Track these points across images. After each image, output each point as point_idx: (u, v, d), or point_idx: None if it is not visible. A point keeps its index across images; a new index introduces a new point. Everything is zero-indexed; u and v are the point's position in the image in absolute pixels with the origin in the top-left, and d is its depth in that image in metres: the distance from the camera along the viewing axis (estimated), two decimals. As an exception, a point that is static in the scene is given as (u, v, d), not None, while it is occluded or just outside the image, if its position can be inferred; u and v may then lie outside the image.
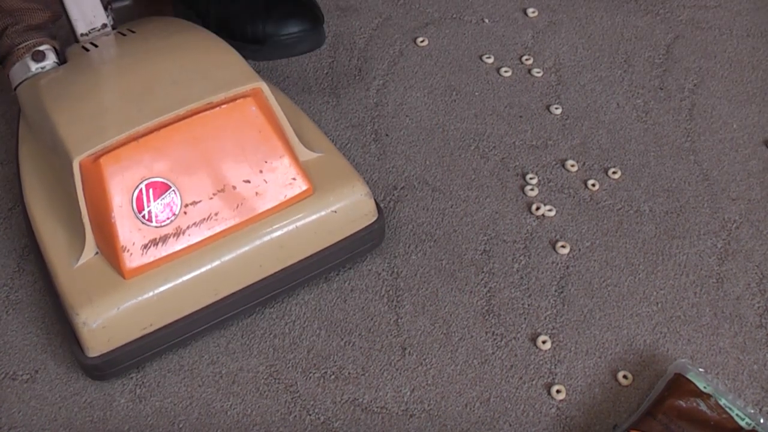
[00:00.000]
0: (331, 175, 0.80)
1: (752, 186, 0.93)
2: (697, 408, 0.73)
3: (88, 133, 0.74)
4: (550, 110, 1.00)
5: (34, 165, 0.83)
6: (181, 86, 0.77)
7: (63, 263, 0.75)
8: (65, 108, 0.78)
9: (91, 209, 0.74)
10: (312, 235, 0.79)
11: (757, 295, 0.84)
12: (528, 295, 0.84)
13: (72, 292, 0.74)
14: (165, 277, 0.74)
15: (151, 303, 0.74)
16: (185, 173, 0.74)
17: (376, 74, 1.04)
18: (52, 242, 0.77)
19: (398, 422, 0.76)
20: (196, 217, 0.74)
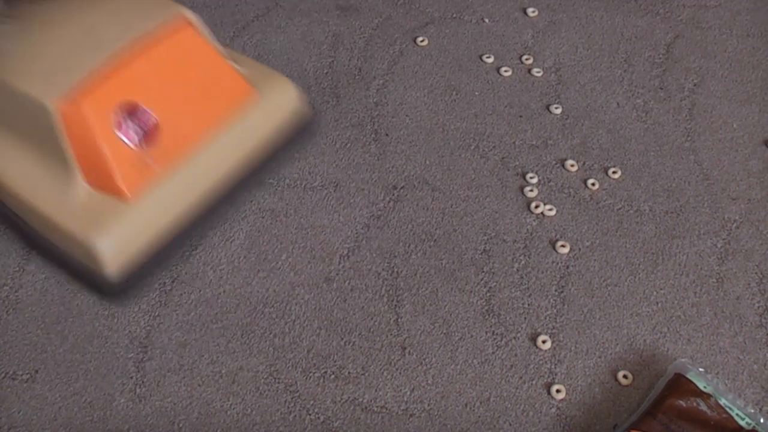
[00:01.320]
0: (262, 81, 0.89)
1: (752, 186, 0.93)
2: (697, 408, 0.73)
3: (49, 80, 0.78)
4: (550, 110, 1.00)
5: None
6: (118, 24, 0.82)
7: (57, 207, 0.79)
8: (13, 64, 0.80)
9: (77, 149, 0.77)
10: (260, 127, 0.88)
11: (757, 294, 0.84)
12: (528, 295, 0.84)
13: (80, 225, 0.78)
14: (162, 191, 0.81)
15: (153, 216, 0.81)
16: (154, 96, 0.80)
17: (376, 74, 1.04)
18: (36, 192, 0.80)
19: (398, 422, 0.76)
20: (172, 132, 0.81)
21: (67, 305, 0.84)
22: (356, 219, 0.90)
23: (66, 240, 0.79)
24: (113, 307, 0.83)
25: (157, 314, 0.83)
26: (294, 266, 0.87)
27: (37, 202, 0.80)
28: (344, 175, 0.94)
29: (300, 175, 0.94)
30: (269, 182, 0.93)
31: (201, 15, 1.12)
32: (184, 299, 0.84)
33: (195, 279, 0.86)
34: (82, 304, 0.84)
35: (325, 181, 0.93)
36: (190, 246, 0.87)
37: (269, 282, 0.85)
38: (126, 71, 0.79)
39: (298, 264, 0.87)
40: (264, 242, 0.88)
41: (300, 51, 1.07)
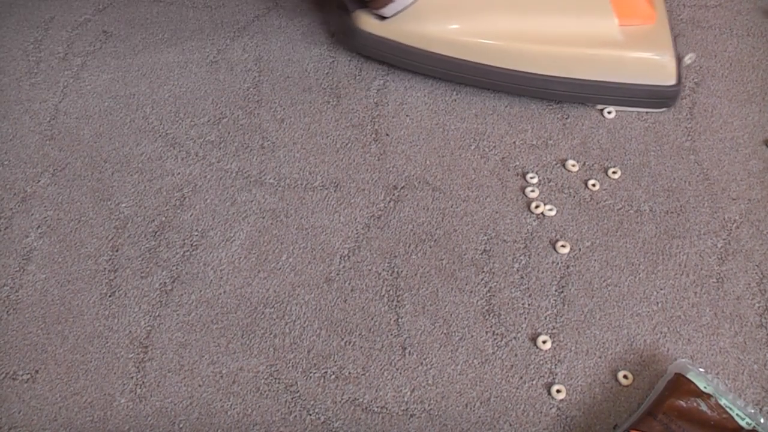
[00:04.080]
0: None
1: (752, 185, 0.93)
2: (697, 408, 0.73)
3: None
4: (550, 109, 1.00)
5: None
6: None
7: (613, 47, 0.95)
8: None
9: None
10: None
11: (758, 294, 0.84)
12: (528, 295, 0.84)
13: (641, 49, 0.95)
14: (659, 7, 0.99)
15: (667, 28, 0.98)
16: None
17: (376, 74, 1.04)
18: (590, 42, 0.96)
19: (398, 422, 0.76)
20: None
21: (67, 305, 0.84)
22: (357, 219, 0.90)
23: (631, 69, 0.95)
24: (113, 308, 0.83)
25: (158, 314, 0.83)
26: (294, 266, 0.87)
27: (602, 51, 0.95)
28: (345, 175, 0.94)
29: (300, 175, 0.94)
30: (269, 182, 0.93)
31: (201, 15, 1.13)
32: (184, 299, 0.84)
33: (195, 279, 0.86)
34: (82, 304, 0.84)
35: (326, 181, 0.93)
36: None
37: (270, 282, 0.85)
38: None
39: (298, 264, 0.87)
40: (264, 242, 0.88)
41: (301, 51, 1.07)
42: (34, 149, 0.97)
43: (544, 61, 0.96)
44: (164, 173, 0.94)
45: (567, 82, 0.97)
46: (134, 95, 1.02)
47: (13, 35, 1.10)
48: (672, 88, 0.97)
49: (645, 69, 0.96)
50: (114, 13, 1.12)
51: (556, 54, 0.95)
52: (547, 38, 0.95)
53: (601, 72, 0.96)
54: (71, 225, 0.90)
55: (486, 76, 0.98)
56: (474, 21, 0.96)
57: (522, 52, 0.96)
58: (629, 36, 0.95)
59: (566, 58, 0.95)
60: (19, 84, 1.04)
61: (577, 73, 0.96)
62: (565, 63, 0.96)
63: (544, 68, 0.96)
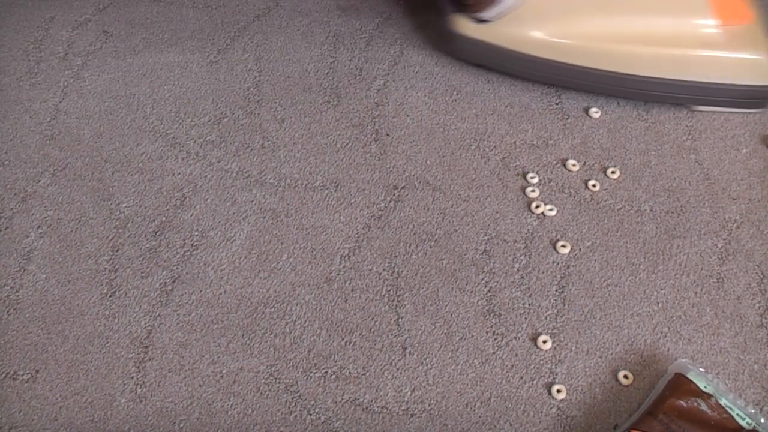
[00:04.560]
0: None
1: (753, 185, 0.93)
2: (697, 408, 0.73)
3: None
4: (550, 109, 1.00)
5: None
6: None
7: (714, 48, 0.95)
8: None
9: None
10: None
11: (758, 294, 0.84)
12: (529, 295, 0.84)
13: (742, 50, 0.95)
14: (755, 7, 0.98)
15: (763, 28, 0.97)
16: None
17: (376, 74, 1.04)
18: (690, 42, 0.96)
19: (399, 422, 0.76)
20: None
21: (67, 305, 0.84)
22: (357, 219, 0.90)
23: (732, 70, 0.95)
24: (113, 308, 0.84)
25: (158, 314, 0.83)
26: (295, 266, 0.87)
27: (702, 52, 0.95)
28: (345, 175, 0.94)
29: (301, 175, 0.94)
30: (270, 182, 0.93)
31: (201, 15, 1.13)
32: (184, 299, 0.84)
33: (196, 279, 0.86)
34: (82, 304, 0.84)
35: (326, 181, 0.93)
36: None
37: (270, 282, 0.85)
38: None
39: (298, 264, 0.87)
40: (265, 242, 0.88)
41: (301, 51, 1.07)
42: (35, 149, 0.97)
43: (645, 63, 0.96)
44: (164, 173, 0.94)
45: (667, 84, 0.96)
46: (134, 95, 1.02)
47: (13, 35, 1.10)
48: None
49: (743, 69, 0.96)
50: (114, 13, 1.12)
51: (658, 55, 0.95)
52: (649, 39, 0.95)
53: (699, 72, 0.96)
54: (71, 225, 0.90)
55: (588, 79, 0.98)
56: (576, 23, 0.96)
57: (624, 54, 0.96)
58: (727, 36, 0.95)
59: (668, 59, 0.95)
60: (20, 84, 1.04)
61: (677, 74, 0.96)
62: (666, 64, 0.95)
63: (645, 70, 0.96)
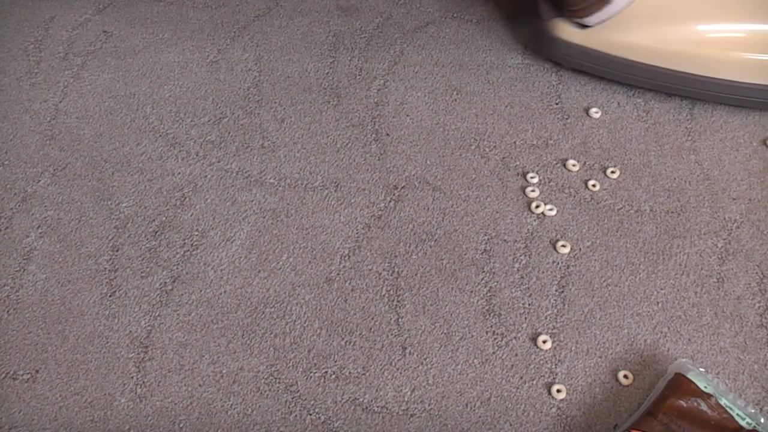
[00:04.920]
0: None
1: (753, 185, 0.93)
2: (697, 408, 0.73)
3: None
4: (550, 109, 1.00)
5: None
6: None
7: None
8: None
9: None
10: None
11: (758, 294, 0.84)
12: (528, 295, 0.84)
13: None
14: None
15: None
16: None
17: (376, 74, 1.04)
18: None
19: (399, 422, 0.76)
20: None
21: (67, 305, 0.84)
22: (357, 219, 0.90)
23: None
24: (113, 308, 0.84)
25: (158, 314, 0.83)
26: (295, 266, 0.87)
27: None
28: (345, 175, 0.94)
29: (301, 175, 0.94)
30: (270, 182, 0.93)
31: (201, 15, 1.13)
32: (184, 299, 0.84)
33: (196, 279, 0.86)
34: (82, 304, 0.84)
35: (326, 181, 0.93)
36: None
37: (270, 282, 0.85)
38: None
39: (298, 264, 0.87)
40: (265, 242, 0.88)
41: (301, 51, 1.07)
42: (35, 149, 0.97)
43: (747, 69, 0.95)
44: (164, 173, 0.94)
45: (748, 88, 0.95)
46: (134, 95, 1.02)
47: (13, 35, 1.10)
48: None
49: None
50: (114, 13, 1.12)
51: (761, 62, 0.94)
52: (751, 46, 0.93)
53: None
54: (71, 225, 0.90)
55: (689, 85, 0.97)
56: (682, 29, 0.94)
57: (730, 61, 0.94)
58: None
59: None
60: (20, 84, 1.04)
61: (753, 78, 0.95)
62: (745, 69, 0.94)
63: (747, 76, 0.95)
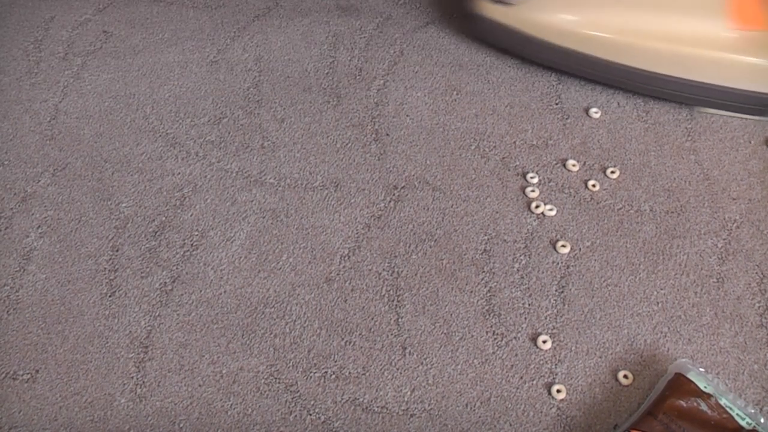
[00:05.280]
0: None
1: (753, 185, 0.93)
2: (697, 408, 0.73)
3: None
4: (550, 109, 1.00)
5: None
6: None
7: (726, 51, 0.94)
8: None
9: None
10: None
11: (758, 294, 0.84)
12: (528, 295, 0.84)
13: (754, 55, 0.93)
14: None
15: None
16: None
17: (376, 74, 1.04)
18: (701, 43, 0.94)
19: (399, 422, 0.76)
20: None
21: (67, 305, 0.84)
22: (357, 219, 0.90)
23: (742, 74, 0.94)
24: (113, 308, 0.84)
25: (158, 314, 0.83)
26: (295, 266, 0.87)
27: (713, 54, 0.94)
28: (345, 175, 0.94)
29: (300, 175, 0.94)
30: (270, 182, 0.93)
31: (201, 15, 1.13)
32: (184, 299, 0.84)
33: (196, 279, 0.86)
34: (82, 304, 0.84)
35: (326, 181, 0.93)
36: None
37: (270, 282, 0.85)
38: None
39: (298, 264, 0.87)
40: (265, 242, 0.88)
41: (300, 51, 1.07)
42: (35, 149, 0.97)
43: (656, 59, 0.96)
44: (164, 173, 0.94)
45: (675, 82, 0.97)
46: (134, 95, 1.02)
47: (13, 35, 1.10)
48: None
49: (752, 74, 0.95)
50: (114, 13, 1.12)
51: (670, 52, 0.95)
52: (663, 36, 0.95)
53: (708, 74, 0.96)
54: (71, 225, 0.90)
55: (597, 69, 0.99)
56: (596, 14, 0.96)
57: (637, 48, 0.96)
58: (741, 40, 0.94)
59: (678, 57, 0.95)
60: (20, 84, 1.04)
61: (686, 73, 0.96)
62: (676, 62, 0.96)
63: (655, 66, 0.96)
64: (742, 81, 0.95)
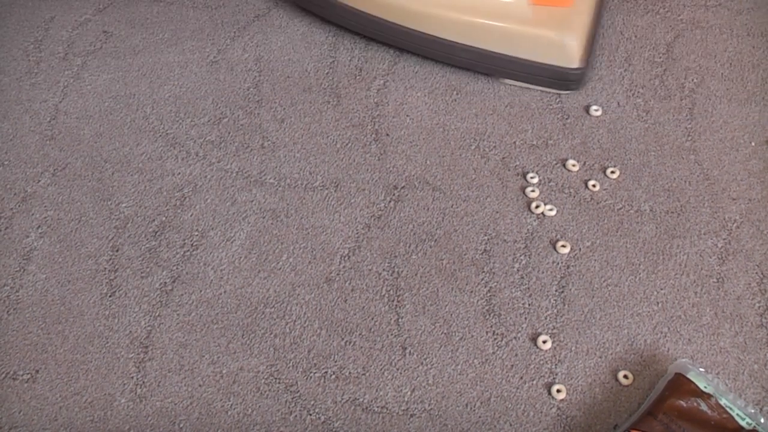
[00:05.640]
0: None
1: (753, 185, 0.93)
2: (697, 408, 0.73)
3: None
4: (550, 109, 1.00)
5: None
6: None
7: (519, 22, 0.97)
8: None
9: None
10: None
11: (758, 294, 0.84)
12: (528, 295, 0.84)
13: (545, 28, 0.96)
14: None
15: (586, 15, 0.98)
16: None
17: (376, 74, 1.04)
18: (501, 18, 0.97)
19: (399, 422, 0.76)
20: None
21: (67, 305, 0.84)
22: (357, 219, 0.90)
23: (533, 47, 0.97)
24: (113, 308, 0.84)
25: (158, 314, 0.83)
26: (295, 266, 0.87)
27: (507, 24, 0.97)
28: (345, 175, 0.94)
29: (300, 175, 0.94)
30: (270, 182, 0.93)
31: (201, 15, 1.13)
32: (184, 300, 0.84)
33: (196, 279, 0.86)
34: (82, 304, 0.84)
35: (326, 181, 0.93)
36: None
37: (270, 282, 0.85)
38: None
39: (298, 264, 0.87)
40: (265, 242, 0.88)
41: (301, 51, 1.07)
42: (35, 149, 0.97)
43: (451, 28, 0.99)
44: (164, 173, 0.94)
45: (473, 51, 0.99)
46: (134, 95, 1.02)
47: (13, 35, 1.10)
48: (574, 70, 0.98)
49: (546, 48, 0.97)
50: (114, 13, 1.12)
51: (464, 22, 0.98)
52: (459, 5, 0.97)
53: (503, 45, 0.98)
54: (71, 225, 0.90)
55: (397, 36, 1.02)
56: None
57: (439, 18, 0.98)
58: (537, 14, 0.97)
59: (473, 27, 0.98)
60: (19, 84, 1.04)
61: (483, 43, 0.98)
62: (472, 32, 0.98)
63: (452, 35, 0.99)
64: (535, 54, 0.98)
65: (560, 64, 0.97)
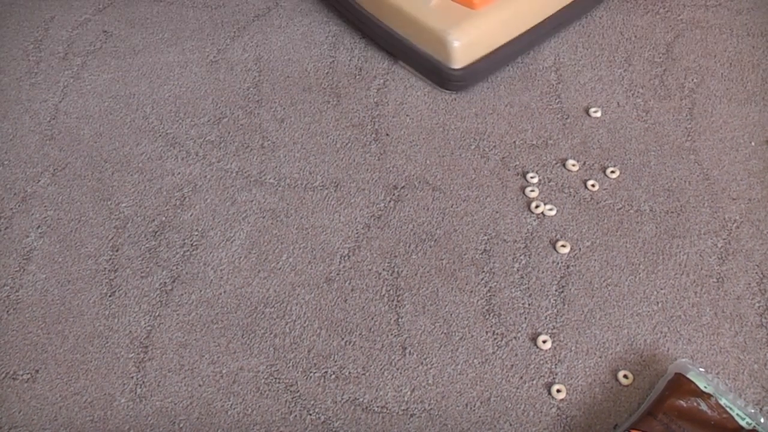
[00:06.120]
0: None
1: (752, 185, 0.93)
2: (697, 408, 0.73)
3: None
4: (550, 109, 1.00)
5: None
6: None
7: (420, 10, 0.98)
8: None
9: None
10: None
11: (758, 294, 0.84)
12: (528, 295, 0.84)
13: (437, 22, 0.96)
14: (504, 4, 0.98)
15: (495, 24, 0.98)
16: None
17: (376, 74, 1.04)
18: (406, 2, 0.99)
19: (398, 422, 0.76)
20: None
21: (67, 305, 0.84)
22: (357, 219, 0.90)
23: (424, 37, 0.98)
24: (113, 308, 0.84)
25: (158, 314, 0.83)
26: (294, 266, 0.87)
27: (406, 8, 0.98)
28: (345, 175, 0.94)
29: (300, 175, 0.94)
30: (270, 182, 0.93)
31: (201, 15, 1.13)
32: (184, 299, 0.84)
33: (196, 279, 0.86)
34: (82, 304, 0.84)
35: (326, 181, 0.93)
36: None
37: (270, 282, 0.85)
38: None
39: (298, 264, 0.87)
40: (265, 242, 0.88)
41: (300, 51, 1.07)
42: (34, 149, 0.97)
43: (372, 3, 1.02)
44: (164, 173, 0.94)
45: (382, 29, 1.02)
46: (134, 95, 1.02)
47: (13, 35, 1.10)
48: (454, 71, 0.98)
49: (434, 42, 0.97)
50: (114, 13, 1.12)
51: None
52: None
53: (404, 28, 1.00)
54: (71, 225, 0.90)
55: (350, 13, 1.06)
56: None
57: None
58: (440, 7, 0.97)
59: (387, 4, 1.00)
60: (19, 84, 1.04)
61: (390, 22, 1.01)
62: (384, 9, 1.01)
63: (374, 9, 1.03)
64: (426, 45, 0.99)
65: (442, 61, 0.98)
